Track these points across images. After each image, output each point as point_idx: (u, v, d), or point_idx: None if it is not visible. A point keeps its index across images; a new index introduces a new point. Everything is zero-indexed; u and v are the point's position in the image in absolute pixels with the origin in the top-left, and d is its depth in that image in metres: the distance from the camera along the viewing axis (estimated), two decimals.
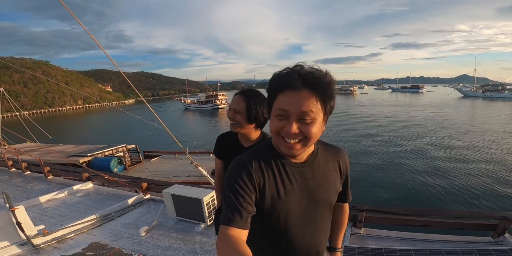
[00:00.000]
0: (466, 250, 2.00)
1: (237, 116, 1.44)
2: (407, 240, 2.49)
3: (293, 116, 0.76)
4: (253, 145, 1.49)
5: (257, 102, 1.43)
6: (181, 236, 3.02)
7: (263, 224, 0.88)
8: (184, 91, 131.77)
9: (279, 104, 0.78)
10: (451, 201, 7.94)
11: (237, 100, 1.45)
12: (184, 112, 51.36)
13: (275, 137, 0.82)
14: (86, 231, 3.24)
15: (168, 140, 19.26)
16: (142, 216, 3.63)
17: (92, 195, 4.61)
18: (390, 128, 21.55)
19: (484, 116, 28.09)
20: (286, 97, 0.76)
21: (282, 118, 0.78)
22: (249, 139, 1.53)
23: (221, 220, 0.81)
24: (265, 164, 0.86)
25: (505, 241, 2.28)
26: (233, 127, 1.48)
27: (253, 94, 1.46)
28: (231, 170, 0.87)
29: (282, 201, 0.85)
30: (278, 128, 0.79)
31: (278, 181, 0.86)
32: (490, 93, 59.33)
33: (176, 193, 3.22)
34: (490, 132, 18.45)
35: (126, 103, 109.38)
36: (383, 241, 2.47)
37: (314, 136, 0.79)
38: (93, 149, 10.49)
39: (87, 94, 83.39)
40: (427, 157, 12.57)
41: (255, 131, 1.52)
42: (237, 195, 0.81)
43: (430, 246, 2.30)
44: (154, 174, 9.00)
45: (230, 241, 0.73)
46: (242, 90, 1.50)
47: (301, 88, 0.75)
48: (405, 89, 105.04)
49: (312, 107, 0.75)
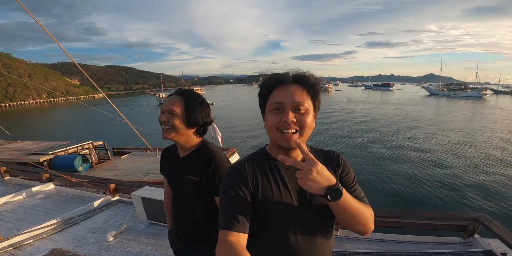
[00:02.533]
0: (439, 252, 2.06)
1: (173, 119, 1.22)
2: (383, 241, 2.52)
3: (288, 106, 0.82)
4: (190, 154, 1.31)
5: (197, 103, 1.27)
6: (153, 241, 2.85)
7: (260, 226, 0.88)
8: (158, 85, 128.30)
9: (274, 99, 0.85)
10: (424, 203, 8.11)
11: (173, 101, 1.25)
12: (158, 107, 49.91)
13: (273, 132, 0.85)
14: (46, 237, 2.99)
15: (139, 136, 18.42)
16: (110, 219, 3.39)
17: (54, 197, 4.28)
18: (360, 126, 22.05)
19: (450, 113, 29.78)
20: (280, 91, 0.84)
21: (278, 111, 0.84)
22: (186, 146, 1.31)
23: (220, 225, 0.82)
24: (258, 167, 0.90)
25: (474, 241, 2.36)
26: (166, 132, 1.24)
27: (192, 94, 1.30)
28: (226, 176, 0.92)
29: (277, 202, 0.87)
30: (276, 121, 0.83)
31: (272, 183, 0.88)
32: (454, 92, 63.37)
33: (146, 196, 3.03)
34: (457, 130, 19.46)
35: (96, 97, 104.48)
36: (360, 243, 2.47)
37: (309, 126, 0.85)
38: (55, 147, 9.83)
39: (52, 88, 78.68)
40: (399, 157, 12.94)
41: (196, 137, 1.32)
42: (233, 200, 0.84)
43: (405, 247, 2.35)
44: (124, 173, 8.63)
45: (230, 246, 0.75)
46: (178, 90, 1.32)
47: (292, 83, 0.85)
48: (376, 87, 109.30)
49: (304, 99, 0.83)
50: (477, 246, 2.29)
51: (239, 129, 20.07)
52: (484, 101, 49.56)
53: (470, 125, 21.75)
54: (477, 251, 2.08)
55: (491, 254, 2.04)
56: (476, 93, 59.11)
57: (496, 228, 2.16)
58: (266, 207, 0.86)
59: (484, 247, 2.22)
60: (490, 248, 2.14)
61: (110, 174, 8.33)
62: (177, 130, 1.24)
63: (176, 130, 1.24)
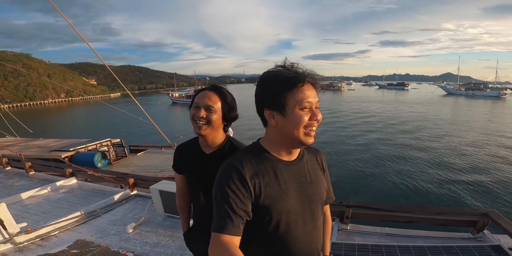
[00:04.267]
0: (447, 247, 2.07)
1: (211, 115, 1.22)
2: (392, 236, 2.54)
3: (314, 106, 0.85)
4: (216, 150, 1.30)
5: (232, 100, 1.29)
6: (170, 233, 2.98)
7: (262, 224, 0.88)
8: (171, 85, 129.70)
9: (306, 97, 0.83)
10: (435, 198, 8.14)
11: (210, 96, 1.24)
12: (171, 106, 50.60)
13: (299, 130, 0.84)
14: (70, 229, 3.16)
15: (154, 134, 18.96)
16: (129, 212, 3.56)
17: (76, 191, 4.49)
18: (376, 125, 21.91)
19: (467, 114, 28.86)
20: (308, 91, 0.84)
21: (307, 110, 0.84)
22: (214, 143, 1.31)
23: (213, 227, 0.80)
24: (257, 164, 0.88)
25: (484, 237, 2.35)
26: (201, 128, 1.23)
27: (226, 90, 1.30)
28: (221, 174, 0.87)
29: (280, 200, 0.87)
30: (306, 119, 0.83)
31: (273, 180, 0.87)
32: (473, 91, 61.20)
33: (164, 189, 3.17)
34: (475, 131, 18.93)
35: (112, 96, 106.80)
36: (369, 237, 2.51)
37: None
38: (75, 144, 10.19)
39: (70, 87, 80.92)
40: (412, 154, 12.86)
41: (222, 134, 1.33)
42: (228, 201, 0.81)
43: (413, 242, 2.36)
44: (140, 169, 8.88)
45: (222, 247, 0.75)
46: (213, 86, 1.30)
47: (309, 83, 0.85)
48: (391, 86, 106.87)
49: None
50: (487, 241, 2.29)
51: (247, 127, 20.20)
52: (504, 100, 47.67)
53: (490, 125, 21.07)
54: (485, 245, 2.09)
55: (499, 248, 2.04)
56: (496, 92, 56.90)
57: (505, 224, 2.16)
58: (268, 205, 0.85)
59: (492, 242, 2.22)
60: (498, 243, 2.14)
61: (127, 170, 8.57)
62: (213, 126, 1.24)
63: (212, 126, 1.24)
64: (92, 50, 3.15)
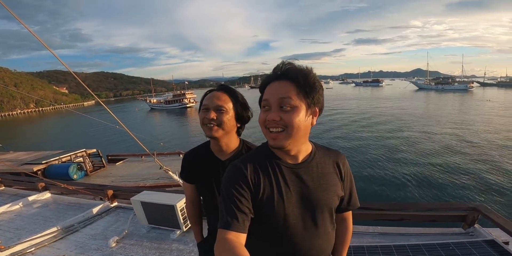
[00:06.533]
0: (443, 244, 2.06)
1: (222, 116, 1.13)
2: (386, 235, 2.52)
3: (274, 104, 0.80)
4: (233, 156, 1.21)
5: (244, 100, 1.21)
6: (156, 245, 2.82)
7: (261, 225, 0.87)
8: (149, 90, 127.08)
9: (264, 95, 0.84)
10: (423, 194, 8.24)
11: (220, 97, 1.15)
12: (149, 112, 49.48)
13: (263, 129, 0.84)
14: (48, 245, 2.94)
15: (133, 142, 18.24)
16: (110, 225, 3.36)
17: (51, 206, 4.21)
18: (356, 122, 22.38)
19: (440, 107, 30.31)
20: (268, 88, 0.83)
21: (266, 108, 0.82)
22: (229, 148, 1.21)
23: (219, 224, 0.80)
24: (260, 165, 0.87)
25: (476, 231, 2.36)
26: (213, 130, 1.13)
27: (235, 90, 1.22)
28: (226, 175, 0.88)
29: (279, 202, 0.85)
30: (263, 118, 0.82)
31: (273, 182, 0.86)
32: (442, 86, 64.61)
33: (146, 200, 3.00)
34: (448, 123, 19.86)
35: (85, 105, 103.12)
36: (363, 238, 2.48)
37: (296, 126, 0.79)
38: (48, 156, 9.68)
39: (40, 96, 77.32)
40: (393, 150, 13.13)
41: (236, 138, 1.24)
42: (233, 199, 0.82)
43: (407, 240, 2.35)
44: (120, 179, 8.54)
45: (228, 244, 0.74)
46: (221, 86, 1.22)
47: (280, 78, 0.81)
48: (366, 83, 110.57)
49: (291, 95, 0.78)
50: (479, 236, 2.30)
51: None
52: (472, 93, 50.57)
53: (462, 117, 22.16)
54: (480, 240, 2.09)
55: (493, 243, 2.04)
56: (463, 86, 60.43)
57: (496, 217, 2.17)
58: (266, 207, 0.84)
59: (486, 236, 2.22)
60: (492, 237, 2.15)
61: (105, 181, 8.24)
62: (225, 128, 1.14)
63: (224, 128, 1.14)
64: (57, 58, 2.93)
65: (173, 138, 19.49)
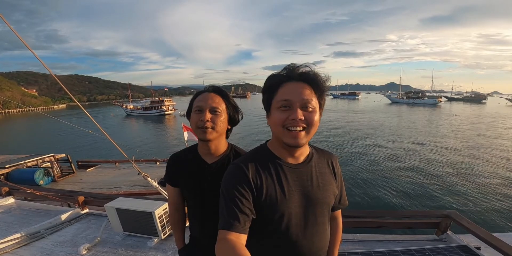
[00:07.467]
0: (419, 249, 2.14)
1: (217, 118, 1.11)
2: (365, 242, 2.57)
3: (297, 104, 0.82)
4: (220, 160, 1.19)
5: (234, 102, 1.20)
6: (132, 253, 2.69)
7: (263, 225, 0.88)
8: (126, 96, 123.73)
9: (282, 95, 0.83)
10: (401, 202, 8.52)
11: (214, 98, 1.13)
12: (126, 118, 47.88)
13: (279, 129, 0.85)
14: (10, 251, 2.74)
15: (107, 148, 17.73)
16: (80, 232, 3.17)
17: (15, 211, 3.92)
18: (336, 135, 22.94)
19: (411, 121, 31.85)
20: (288, 88, 0.83)
21: (286, 108, 0.83)
22: (218, 151, 1.19)
23: (220, 225, 0.81)
24: (261, 166, 0.88)
25: (448, 238, 2.47)
26: (207, 132, 1.10)
27: (227, 92, 1.20)
28: (227, 175, 0.89)
29: (282, 202, 0.86)
30: (283, 118, 0.83)
31: (276, 182, 0.87)
32: (413, 100, 68.33)
33: (121, 207, 2.87)
34: (418, 136, 21.00)
35: (56, 108, 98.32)
36: (343, 245, 2.50)
37: (316, 125, 0.84)
38: (12, 160, 9.04)
39: (7, 98, 72.84)
40: (372, 161, 13.48)
41: (225, 141, 1.23)
42: (235, 200, 0.82)
43: (386, 246, 2.41)
44: (91, 186, 8.12)
45: (229, 245, 0.74)
46: (212, 87, 1.19)
47: (299, 80, 0.84)
48: (344, 96, 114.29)
49: (312, 97, 0.83)
50: (452, 241, 2.40)
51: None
52: (440, 108, 53.78)
53: (433, 130, 23.52)
54: (453, 246, 2.18)
55: (466, 248, 2.14)
56: (432, 100, 64.31)
57: (468, 224, 2.28)
58: (269, 206, 0.85)
59: (458, 242, 2.32)
60: (464, 243, 2.25)
61: (75, 188, 7.78)
62: (218, 130, 1.12)
63: (218, 131, 1.12)
64: (36, 57, 2.79)
65: (149, 146, 18.87)
